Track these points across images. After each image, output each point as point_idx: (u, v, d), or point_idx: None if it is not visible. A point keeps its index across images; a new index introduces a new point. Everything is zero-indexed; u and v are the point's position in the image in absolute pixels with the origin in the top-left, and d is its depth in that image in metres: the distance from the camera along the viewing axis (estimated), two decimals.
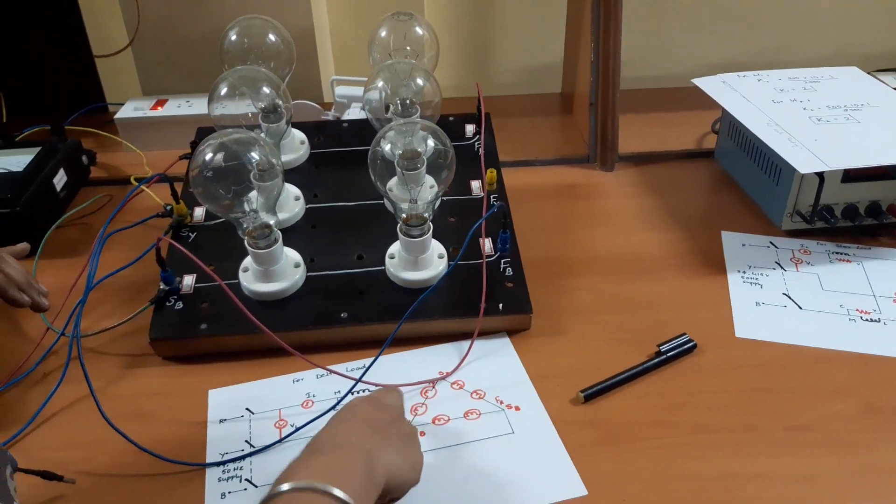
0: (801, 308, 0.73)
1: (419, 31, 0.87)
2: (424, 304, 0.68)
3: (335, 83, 1.03)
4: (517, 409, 0.62)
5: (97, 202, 0.92)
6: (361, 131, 0.88)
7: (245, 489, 0.56)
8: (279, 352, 0.65)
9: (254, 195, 0.68)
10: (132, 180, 0.93)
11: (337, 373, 0.65)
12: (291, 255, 0.73)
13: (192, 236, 0.77)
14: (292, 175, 0.84)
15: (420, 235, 0.69)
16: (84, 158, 0.97)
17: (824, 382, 0.65)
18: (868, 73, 0.99)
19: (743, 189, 0.92)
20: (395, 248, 0.73)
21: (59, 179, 0.90)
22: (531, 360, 0.67)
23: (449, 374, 0.66)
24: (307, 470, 0.45)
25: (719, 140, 0.99)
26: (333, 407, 0.62)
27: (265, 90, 0.78)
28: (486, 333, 0.70)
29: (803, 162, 0.77)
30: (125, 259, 0.71)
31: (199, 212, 0.79)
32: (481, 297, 0.69)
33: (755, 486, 0.56)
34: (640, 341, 0.68)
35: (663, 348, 0.67)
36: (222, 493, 0.56)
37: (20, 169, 0.86)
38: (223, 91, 0.77)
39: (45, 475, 0.55)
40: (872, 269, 0.78)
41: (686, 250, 0.82)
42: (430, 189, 0.73)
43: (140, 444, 0.59)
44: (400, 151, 0.71)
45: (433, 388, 0.65)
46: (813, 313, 0.72)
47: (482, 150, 0.84)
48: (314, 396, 0.64)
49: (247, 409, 0.63)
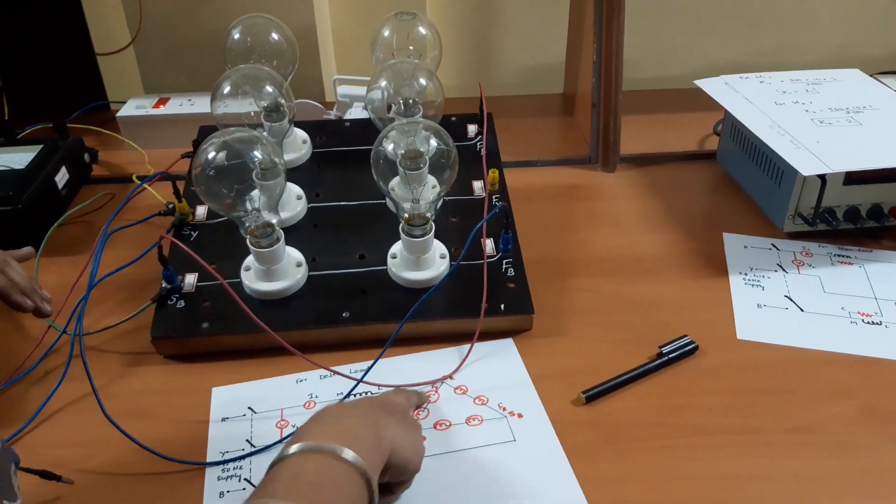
0: (802, 310, 0.73)
1: (422, 30, 0.87)
2: (426, 304, 0.68)
3: (337, 82, 1.03)
4: (520, 416, 0.62)
5: (99, 200, 0.92)
6: (363, 131, 0.88)
7: (244, 489, 0.56)
8: (280, 351, 0.65)
9: (256, 194, 0.68)
10: (134, 178, 0.93)
11: (339, 373, 0.65)
12: (293, 254, 0.73)
13: (194, 235, 0.77)
14: (294, 174, 0.84)
15: (422, 235, 0.69)
16: (86, 156, 0.97)
17: (825, 385, 0.65)
18: (870, 76, 0.99)
19: (745, 191, 0.92)
20: (396, 247, 0.73)
21: (61, 177, 0.90)
22: (532, 361, 0.67)
23: (450, 375, 0.66)
24: (318, 432, 0.46)
25: (721, 141, 0.99)
26: None
27: (268, 89, 0.79)
28: (488, 334, 0.70)
29: (805, 164, 0.77)
30: (127, 257, 0.71)
31: (202, 210, 0.79)
32: (483, 298, 0.69)
33: (756, 488, 0.56)
34: (641, 342, 0.69)
35: (664, 350, 0.67)
36: (221, 493, 0.56)
37: (22, 167, 0.86)
38: (226, 89, 0.77)
39: (44, 475, 0.55)
40: (874, 271, 0.78)
41: (688, 252, 0.82)
42: (432, 189, 0.73)
43: (141, 443, 0.59)
44: (402, 151, 0.71)
45: (436, 392, 0.65)
46: (814, 315, 0.72)
47: (484, 150, 0.84)
48: (317, 397, 0.64)
49: (249, 408, 0.63)
